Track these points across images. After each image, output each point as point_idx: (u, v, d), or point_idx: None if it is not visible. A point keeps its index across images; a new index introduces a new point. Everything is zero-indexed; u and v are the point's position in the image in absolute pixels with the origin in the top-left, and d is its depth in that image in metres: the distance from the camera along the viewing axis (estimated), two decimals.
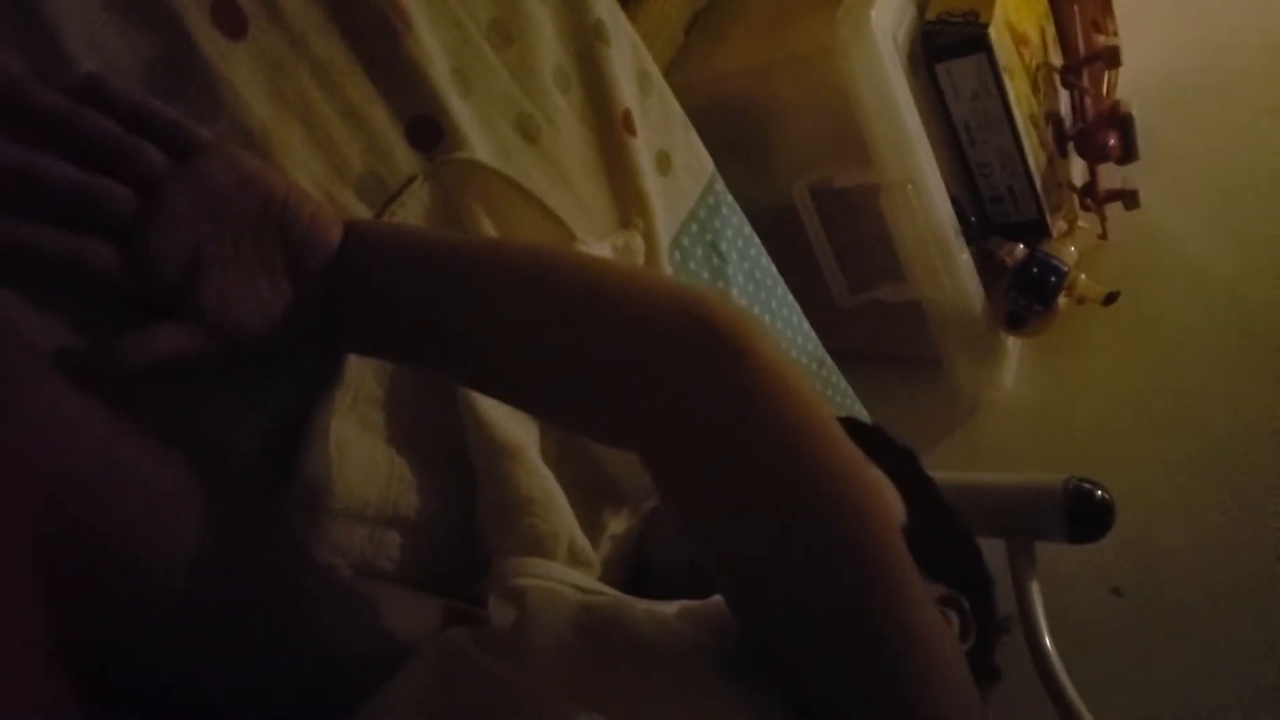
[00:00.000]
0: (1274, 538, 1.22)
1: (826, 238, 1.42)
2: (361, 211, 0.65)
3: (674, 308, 0.50)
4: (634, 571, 0.82)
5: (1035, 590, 1.05)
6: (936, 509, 0.81)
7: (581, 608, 0.58)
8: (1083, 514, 1.02)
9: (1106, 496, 1.02)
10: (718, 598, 0.57)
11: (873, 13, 1.18)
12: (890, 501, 0.74)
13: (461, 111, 0.71)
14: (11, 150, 0.48)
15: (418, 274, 0.56)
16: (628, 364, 0.51)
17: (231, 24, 0.58)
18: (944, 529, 0.80)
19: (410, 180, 0.68)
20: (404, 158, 0.68)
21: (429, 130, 0.69)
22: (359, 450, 0.64)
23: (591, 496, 0.80)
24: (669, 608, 0.61)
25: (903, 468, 0.80)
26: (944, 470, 1.05)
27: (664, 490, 0.53)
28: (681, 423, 0.49)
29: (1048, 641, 0.99)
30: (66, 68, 0.51)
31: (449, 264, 0.56)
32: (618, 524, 0.83)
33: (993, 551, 1.03)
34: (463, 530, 0.71)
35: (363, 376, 0.65)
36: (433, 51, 0.69)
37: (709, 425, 0.48)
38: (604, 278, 0.54)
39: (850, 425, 0.87)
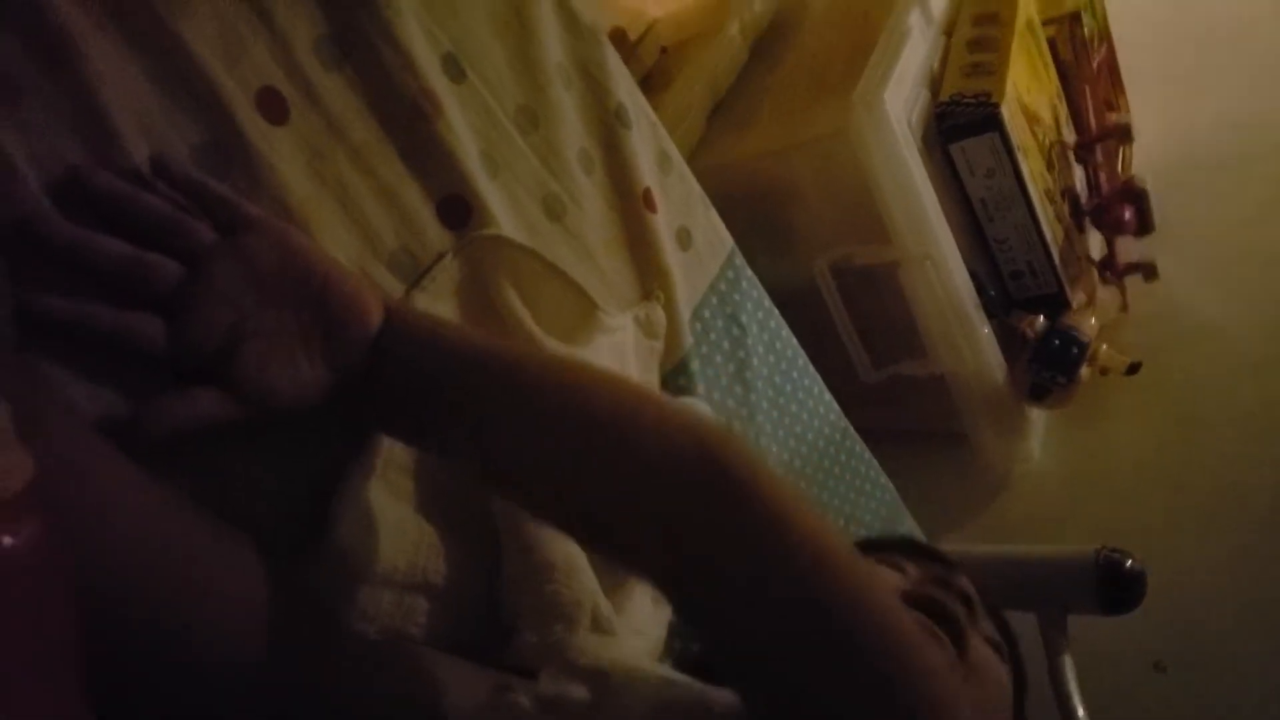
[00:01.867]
0: None
1: (848, 315, 1.44)
2: (394, 285, 0.68)
3: (689, 444, 0.51)
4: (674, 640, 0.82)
5: (1069, 665, 1.03)
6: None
7: (662, 697, 0.59)
8: (1113, 583, 1.01)
9: (1136, 565, 1.01)
10: None
11: (886, 96, 1.22)
12: (933, 652, 0.72)
13: (490, 191, 0.74)
14: (70, 228, 0.51)
15: (452, 374, 0.58)
16: (642, 500, 0.51)
17: (274, 110, 0.62)
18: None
19: (441, 256, 0.71)
20: (435, 235, 0.71)
21: (459, 209, 0.72)
22: (387, 516, 0.65)
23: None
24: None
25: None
26: (974, 544, 1.05)
27: (683, 617, 0.54)
28: (682, 550, 0.50)
29: (1080, 710, 0.98)
30: (122, 151, 0.54)
31: (482, 368, 0.58)
32: (643, 590, 0.83)
33: (1026, 627, 1.03)
34: (488, 598, 0.72)
35: (393, 444, 0.66)
36: (462, 135, 0.73)
37: (709, 554, 0.49)
38: (626, 405, 0.55)
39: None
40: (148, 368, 0.54)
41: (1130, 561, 1.01)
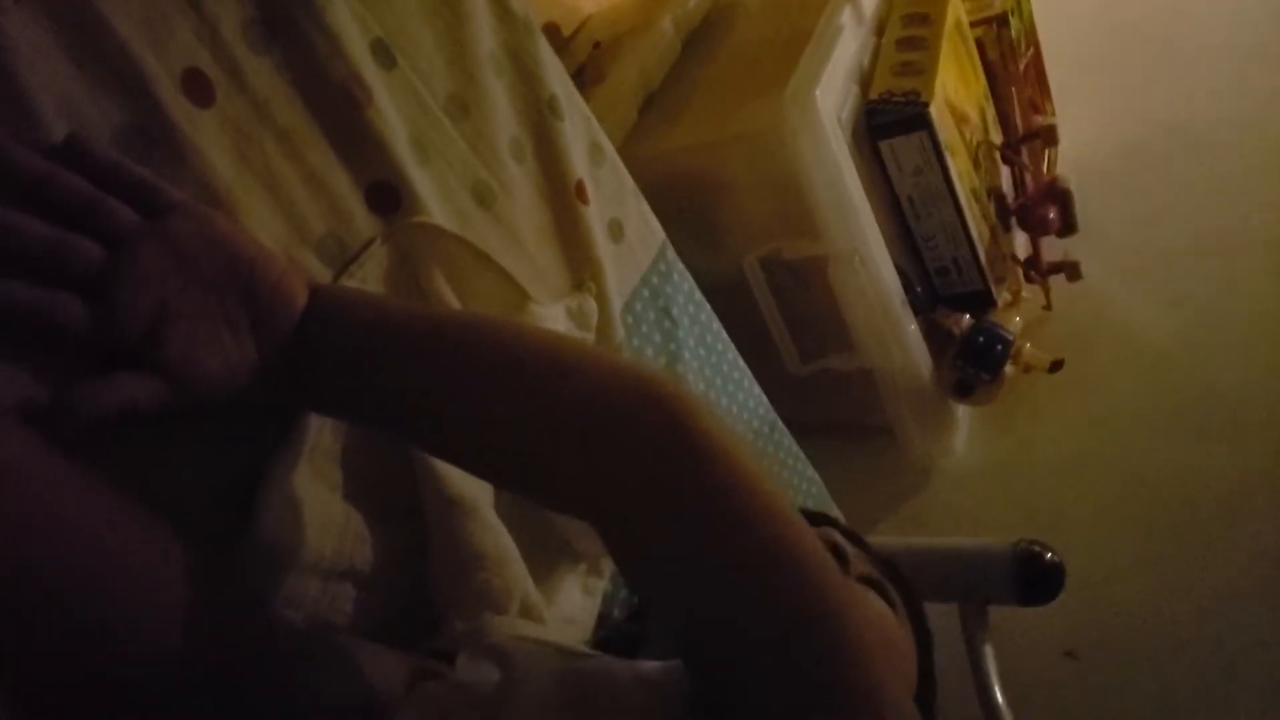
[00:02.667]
0: (1224, 596, 1.24)
1: (777, 308, 1.46)
2: (321, 271, 0.68)
3: (622, 382, 0.52)
4: (600, 629, 0.83)
5: (989, 654, 1.06)
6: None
7: (566, 669, 0.58)
8: (1032, 576, 1.03)
9: (1055, 558, 1.04)
10: None
11: (817, 93, 1.24)
12: (859, 593, 0.74)
13: (420, 179, 0.74)
14: None
15: (378, 340, 0.58)
16: (577, 436, 0.52)
17: (199, 93, 0.61)
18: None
19: (369, 243, 0.70)
20: (364, 221, 0.71)
21: (388, 196, 0.72)
22: (314, 504, 0.65)
23: (546, 553, 0.81)
24: (652, 665, 0.61)
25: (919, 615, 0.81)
26: (898, 536, 1.07)
27: (614, 555, 0.54)
28: (629, 494, 0.50)
29: (1000, 698, 1.00)
30: (40, 131, 0.53)
31: (409, 331, 0.58)
32: (574, 580, 0.84)
33: (946, 616, 1.05)
34: (415, 585, 0.72)
35: (319, 431, 0.66)
36: (392, 121, 0.72)
37: (655, 496, 0.50)
38: (558, 349, 0.56)
39: (886, 565, 0.87)
40: (69, 351, 0.52)
41: (1049, 554, 1.03)
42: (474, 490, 0.72)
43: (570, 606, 0.83)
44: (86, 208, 0.53)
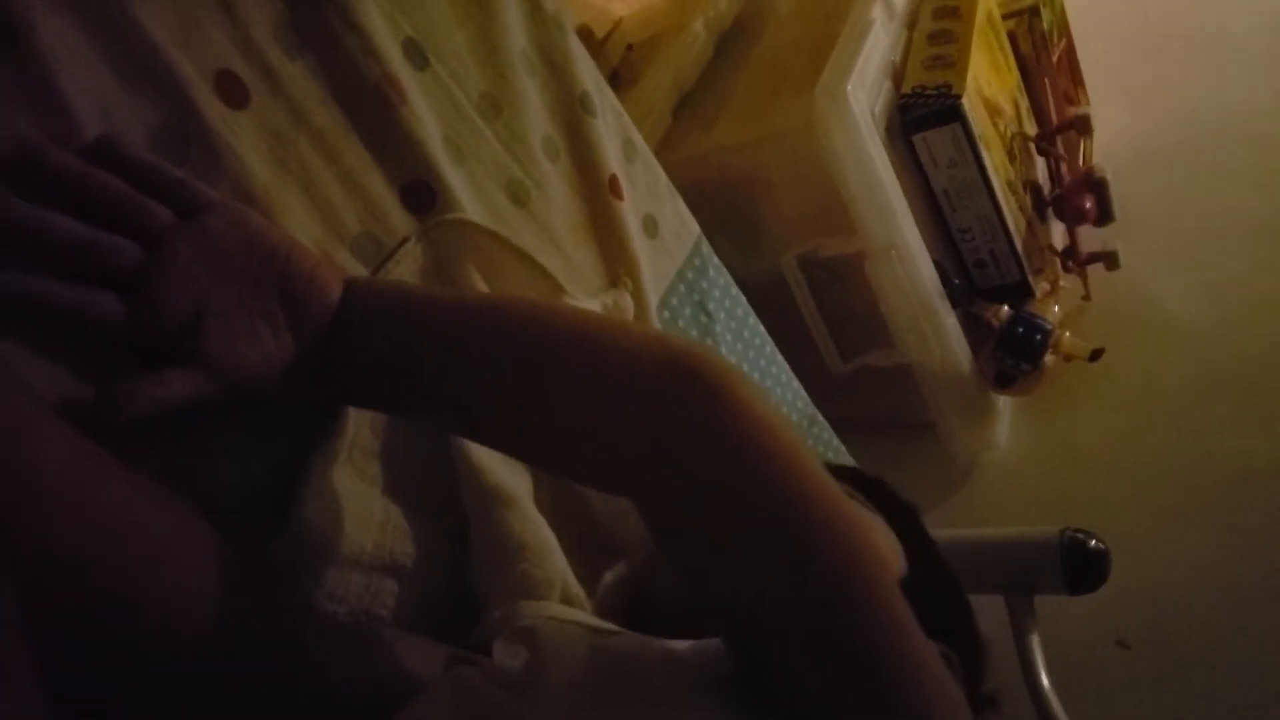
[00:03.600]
0: (1274, 582, 1.22)
1: (816, 307, 1.45)
2: (356, 269, 0.68)
3: (659, 356, 0.52)
4: (631, 615, 0.83)
5: (1036, 644, 1.05)
6: (934, 565, 0.82)
7: (593, 647, 0.59)
8: (1078, 564, 1.02)
9: (1101, 545, 1.02)
10: None
11: (849, 88, 1.23)
12: (879, 540, 0.75)
13: (454, 177, 0.74)
14: (23, 206, 0.51)
15: (413, 327, 0.58)
16: (615, 410, 0.52)
17: (234, 95, 0.62)
18: (941, 587, 0.80)
19: (404, 240, 0.71)
20: (399, 220, 0.71)
21: (423, 194, 0.72)
22: (354, 499, 0.65)
23: (586, 547, 0.81)
24: (681, 644, 0.61)
25: (904, 522, 0.81)
26: (942, 529, 1.06)
27: (655, 532, 0.54)
28: (668, 468, 0.50)
29: (1046, 684, 0.99)
30: (78, 134, 0.54)
31: (443, 317, 0.59)
32: (612, 575, 0.84)
33: (993, 608, 1.04)
34: (456, 578, 0.72)
35: (359, 427, 0.67)
36: (426, 121, 0.73)
37: (696, 468, 0.50)
38: (592, 327, 0.57)
39: (854, 475, 0.89)
40: (108, 350, 0.54)
41: (1094, 541, 1.02)
42: (514, 483, 0.73)
43: (609, 597, 0.83)
44: (123, 207, 0.54)
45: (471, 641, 0.69)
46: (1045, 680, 1.02)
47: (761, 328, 1.10)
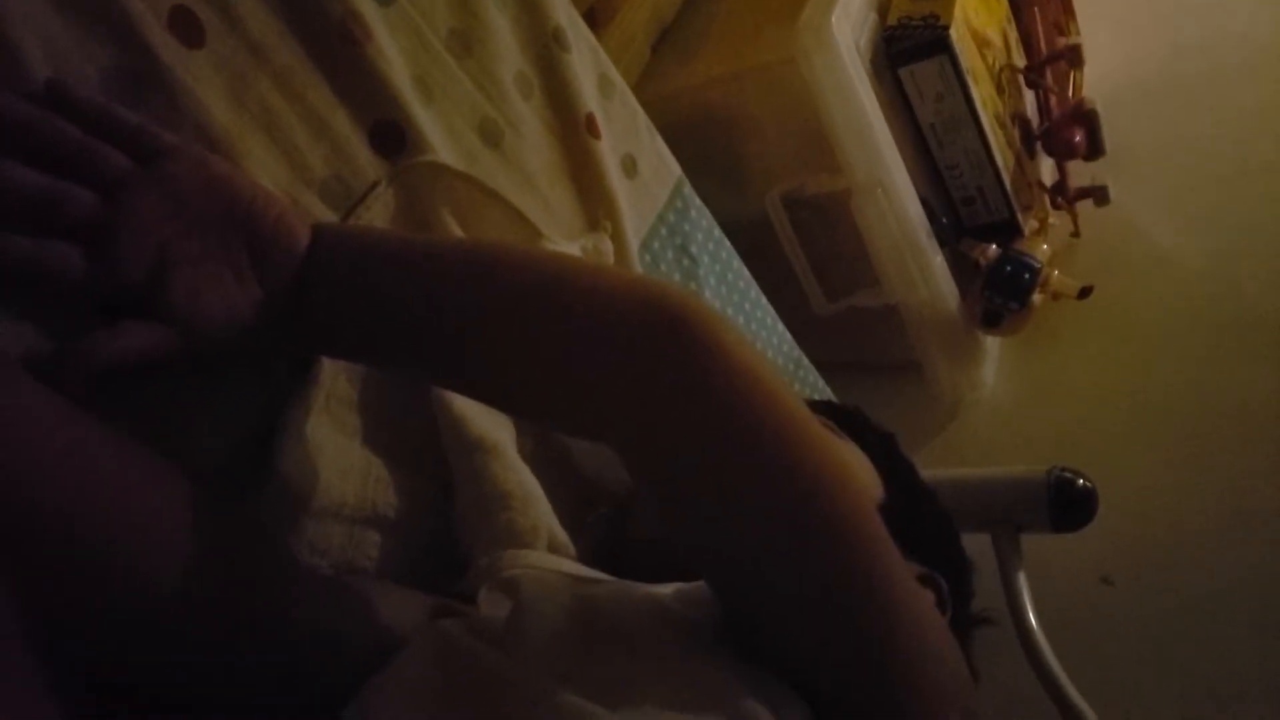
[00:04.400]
0: (1261, 521, 1.22)
1: (801, 247, 1.43)
2: (326, 215, 0.66)
3: (639, 299, 0.51)
4: (615, 560, 0.82)
5: (1022, 582, 1.05)
6: (914, 489, 0.82)
7: (576, 596, 0.58)
8: (1065, 502, 1.02)
9: (1088, 484, 1.02)
10: None
11: (833, 20, 1.20)
12: (861, 478, 0.75)
13: (424, 118, 0.72)
14: None
15: (385, 273, 0.57)
16: (594, 356, 0.51)
17: (188, 32, 0.59)
18: (921, 509, 0.80)
19: (374, 185, 0.69)
20: (368, 162, 0.69)
21: (392, 135, 0.70)
22: (333, 450, 0.64)
23: (570, 494, 0.80)
24: (665, 589, 0.61)
25: (881, 449, 0.81)
26: (929, 469, 1.06)
27: (638, 477, 0.54)
28: (649, 411, 0.50)
29: (1033, 621, 0.99)
30: (25, 77, 0.51)
31: (416, 263, 0.57)
32: (600, 521, 0.83)
33: (980, 547, 1.04)
34: (441, 529, 0.71)
35: (335, 378, 0.65)
36: (393, 59, 0.70)
37: (676, 413, 0.49)
38: (569, 272, 0.55)
39: (829, 408, 0.89)
40: (70, 303, 0.52)
41: (1081, 480, 1.02)
42: (496, 431, 0.71)
43: (593, 544, 0.82)
44: (77, 155, 0.52)
45: (457, 591, 0.68)
46: (1032, 617, 1.02)
47: (745, 270, 1.09)
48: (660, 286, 0.53)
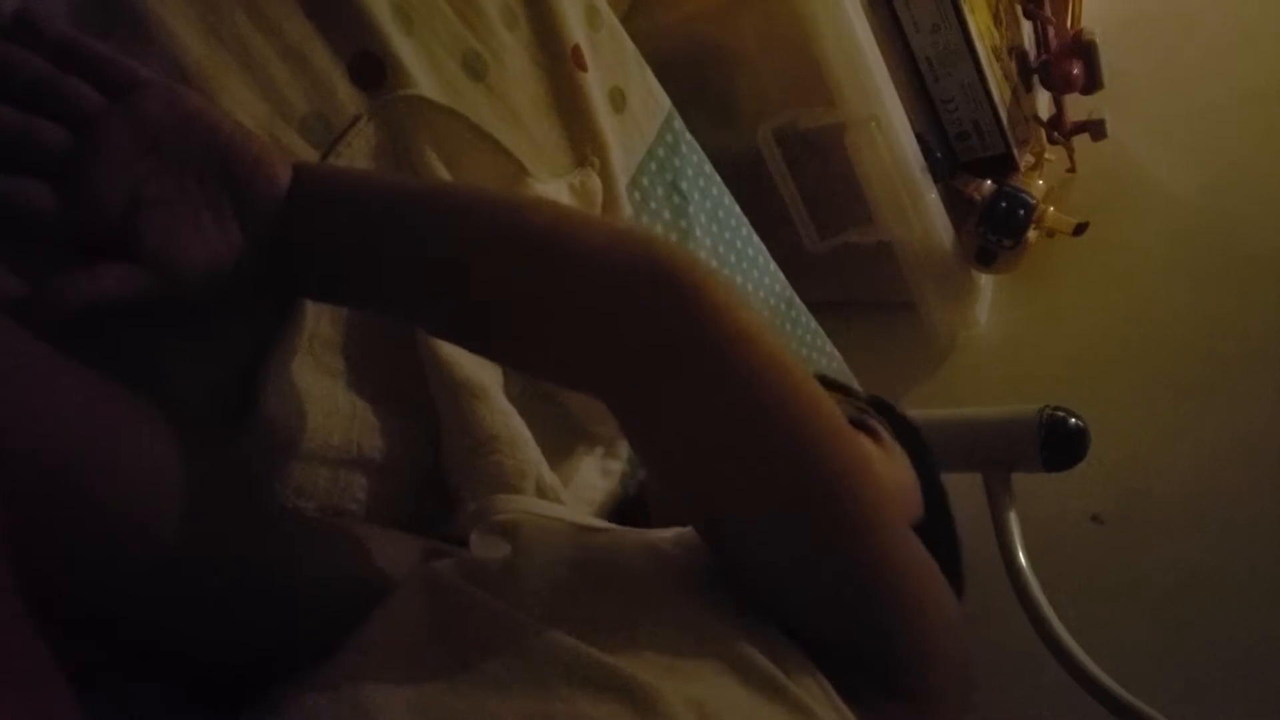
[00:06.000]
0: (1254, 459, 1.22)
1: (793, 183, 1.41)
2: (307, 152, 0.64)
3: (627, 251, 0.51)
4: (622, 505, 0.83)
5: (1014, 521, 1.06)
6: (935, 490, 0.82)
7: (573, 541, 0.58)
8: (1056, 442, 1.02)
9: (1079, 423, 1.02)
10: None
11: None
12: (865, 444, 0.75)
13: (404, 49, 0.69)
14: None
15: (370, 216, 0.55)
16: (581, 308, 0.51)
17: None
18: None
19: (355, 120, 0.67)
20: (348, 97, 0.67)
21: (372, 67, 0.68)
22: (316, 392, 0.63)
23: (561, 437, 0.79)
24: (665, 533, 0.61)
25: (923, 452, 0.82)
26: (921, 409, 1.06)
27: (629, 432, 0.54)
28: (643, 371, 0.50)
29: (1023, 560, 1.00)
30: None
31: (400, 205, 0.56)
32: (592, 462, 0.82)
33: (971, 486, 1.05)
34: (428, 471, 0.71)
35: (317, 319, 0.64)
36: None
37: (671, 372, 0.49)
38: (557, 221, 0.54)
39: (881, 403, 0.88)
40: (42, 244, 0.50)
41: (1073, 420, 1.02)
42: (483, 374, 0.71)
43: (587, 489, 0.82)
44: (45, 89, 0.50)
45: (445, 534, 0.68)
46: (1022, 556, 1.03)
47: (737, 207, 1.07)
48: (655, 243, 0.52)
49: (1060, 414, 1.02)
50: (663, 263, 0.50)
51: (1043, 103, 1.64)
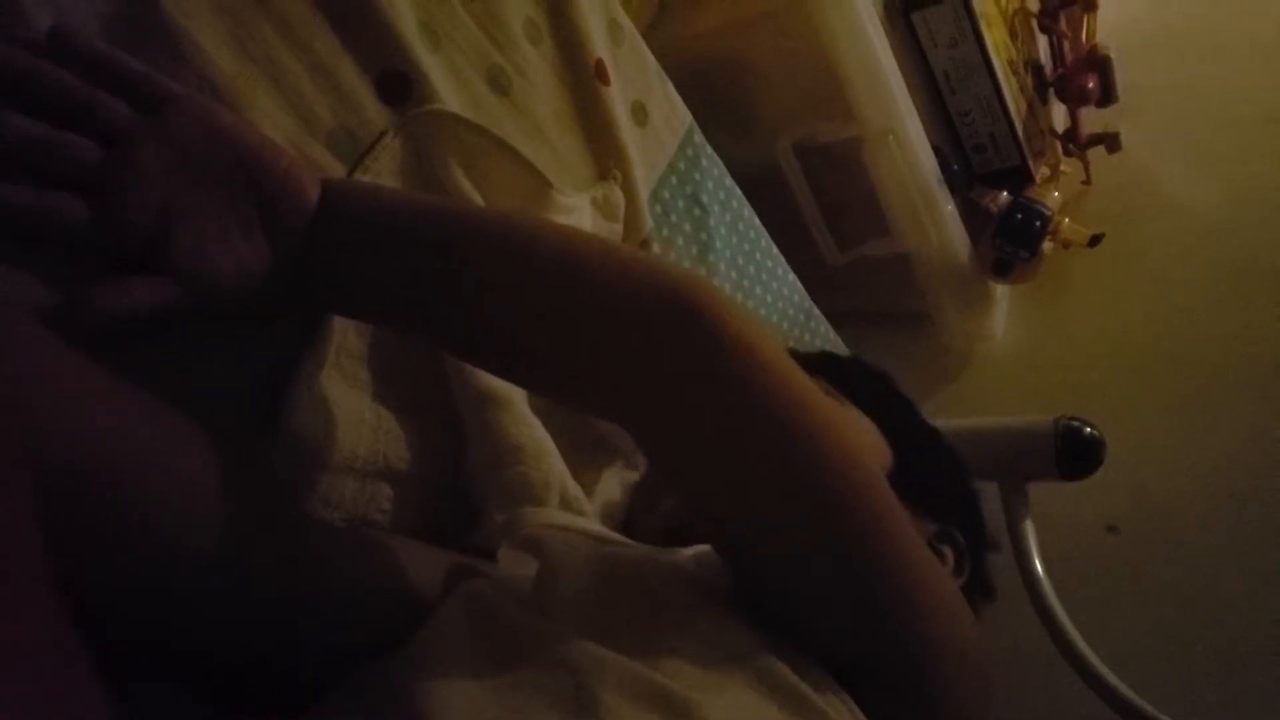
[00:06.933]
0: (1269, 470, 1.22)
1: (812, 196, 1.41)
2: (334, 166, 0.65)
3: (654, 287, 0.51)
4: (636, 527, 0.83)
5: (1030, 530, 1.06)
6: (915, 432, 0.82)
7: (600, 556, 0.59)
8: (1072, 451, 1.02)
9: (1095, 433, 1.02)
10: None
11: None
12: (866, 441, 0.75)
13: (431, 65, 0.70)
14: None
15: (395, 235, 0.56)
16: (609, 344, 0.52)
17: None
18: (926, 456, 0.81)
19: (382, 134, 0.68)
20: (375, 112, 0.68)
21: (398, 84, 0.68)
22: (344, 404, 0.63)
23: (583, 448, 0.80)
24: (685, 553, 0.61)
25: (879, 398, 0.81)
26: (938, 419, 1.06)
27: (652, 459, 0.55)
28: (665, 402, 0.51)
29: (1039, 568, 1.00)
30: (22, 25, 0.50)
31: (426, 226, 0.56)
32: (612, 474, 0.83)
33: (988, 497, 1.04)
34: (453, 482, 0.71)
35: (344, 332, 0.64)
36: (399, 5, 0.68)
37: (693, 404, 0.50)
38: (584, 252, 0.54)
39: (824, 360, 0.88)
40: (75, 257, 0.51)
41: (1089, 430, 1.02)
42: (506, 386, 0.71)
43: (607, 501, 0.82)
44: (79, 105, 0.51)
45: (470, 544, 0.68)
46: (1038, 565, 1.03)
47: (756, 220, 1.08)
48: (676, 272, 0.53)
49: (1076, 424, 1.02)
50: (690, 299, 0.50)
51: (1058, 115, 1.65)
